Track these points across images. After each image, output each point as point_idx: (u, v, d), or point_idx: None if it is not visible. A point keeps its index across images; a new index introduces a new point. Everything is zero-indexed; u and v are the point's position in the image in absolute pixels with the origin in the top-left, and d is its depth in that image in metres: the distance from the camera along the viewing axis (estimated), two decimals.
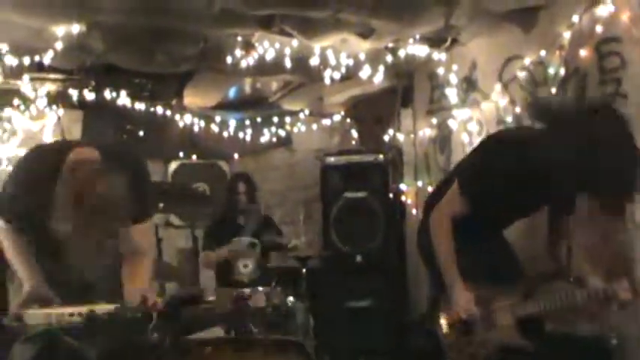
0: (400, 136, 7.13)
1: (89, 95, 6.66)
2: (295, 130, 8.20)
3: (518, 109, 5.32)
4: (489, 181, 3.90)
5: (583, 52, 4.60)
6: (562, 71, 4.80)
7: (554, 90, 4.86)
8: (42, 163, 3.33)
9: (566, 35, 4.74)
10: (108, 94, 6.71)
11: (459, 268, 3.95)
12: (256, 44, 5.68)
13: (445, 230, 4.00)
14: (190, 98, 7.40)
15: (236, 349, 3.10)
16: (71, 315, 2.69)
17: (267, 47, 5.73)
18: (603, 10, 4.43)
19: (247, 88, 7.48)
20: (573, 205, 4.01)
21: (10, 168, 4.98)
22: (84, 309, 2.72)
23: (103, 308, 2.76)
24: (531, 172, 3.74)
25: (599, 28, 4.47)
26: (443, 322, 4.01)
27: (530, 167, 3.73)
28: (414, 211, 6.89)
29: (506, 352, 3.82)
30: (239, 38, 5.64)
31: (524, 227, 4.41)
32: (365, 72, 6.18)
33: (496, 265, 4.10)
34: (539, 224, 4.29)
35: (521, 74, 5.24)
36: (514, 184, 3.82)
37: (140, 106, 7.03)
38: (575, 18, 4.66)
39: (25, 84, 6.49)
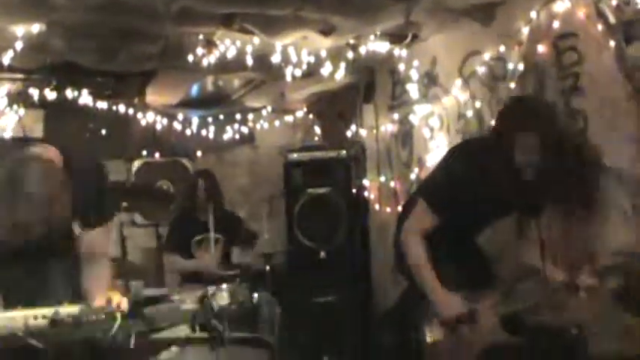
0: (363, 132, 7.17)
1: (50, 95, 6.59)
2: (258, 126, 8.20)
3: (478, 104, 5.38)
4: (456, 192, 3.96)
5: (541, 48, 4.66)
6: (521, 66, 4.86)
7: (512, 85, 4.92)
8: None
9: (525, 31, 4.80)
10: (69, 93, 6.64)
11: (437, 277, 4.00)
12: (218, 42, 5.66)
13: (419, 248, 4.04)
14: (152, 96, 7.36)
15: (202, 347, 3.11)
16: (35, 318, 2.69)
17: (228, 45, 5.72)
18: (560, 6, 4.50)
19: (209, 86, 7.46)
20: (539, 209, 4.09)
21: None
22: (48, 311, 2.71)
23: (66, 310, 2.75)
24: (495, 180, 3.82)
25: (556, 24, 4.54)
26: (436, 330, 4.02)
27: (493, 175, 3.82)
28: (377, 206, 6.93)
29: (490, 351, 3.87)
30: (200, 36, 5.62)
31: (493, 231, 4.46)
32: (326, 69, 6.19)
33: (470, 269, 4.16)
34: (507, 228, 4.36)
35: (481, 69, 5.30)
36: (480, 193, 3.89)
37: (102, 104, 6.98)
38: (533, 14, 4.72)
39: None
